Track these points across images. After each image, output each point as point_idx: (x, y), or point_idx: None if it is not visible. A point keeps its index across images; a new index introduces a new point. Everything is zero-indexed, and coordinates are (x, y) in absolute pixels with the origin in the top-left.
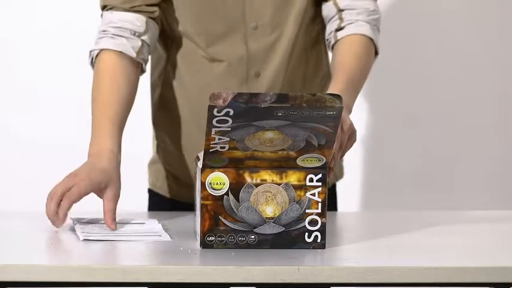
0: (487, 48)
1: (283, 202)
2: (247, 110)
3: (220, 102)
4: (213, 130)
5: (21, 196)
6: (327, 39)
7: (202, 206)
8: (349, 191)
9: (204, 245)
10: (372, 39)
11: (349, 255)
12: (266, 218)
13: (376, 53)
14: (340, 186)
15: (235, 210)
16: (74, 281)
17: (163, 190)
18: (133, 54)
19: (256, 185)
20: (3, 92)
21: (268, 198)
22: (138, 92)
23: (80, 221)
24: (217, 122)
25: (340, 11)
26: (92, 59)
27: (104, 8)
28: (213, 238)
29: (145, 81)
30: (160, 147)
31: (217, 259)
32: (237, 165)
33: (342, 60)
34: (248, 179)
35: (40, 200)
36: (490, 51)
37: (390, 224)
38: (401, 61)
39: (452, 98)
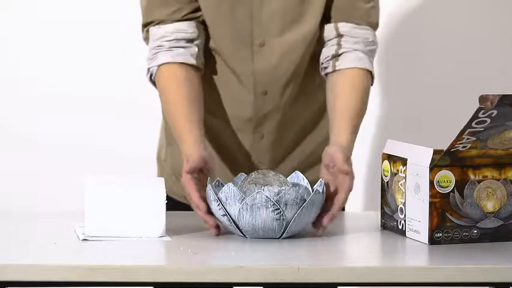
0: (487, 50)
1: (502, 197)
2: (510, 111)
3: (488, 104)
4: (468, 130)
5: (21, 196)
6: (322, 63)
7: (430, 203)
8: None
9: (432, 241)
10: (370, 72)
11: (350, 255)
12: (487, 212)
13: (372, 83)
14: None
15: (460, 206)
16: (74, 281)
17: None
18: (194, 62)
19: (479, 182)
20: (3, 92)
21: (489, 194)
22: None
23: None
24: (476, 123)
25: (339, 36)
26: (151, 75)
27: (149, 23)
28: (440, 234)
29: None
30: (169, 146)
31: (218, 259)
32: (461, 164)
33: (346, 102)
34: (472, 176)
35: (40, 200)
36: (490, 54)
37: None
38: (402, 63)
39: (454, 102)
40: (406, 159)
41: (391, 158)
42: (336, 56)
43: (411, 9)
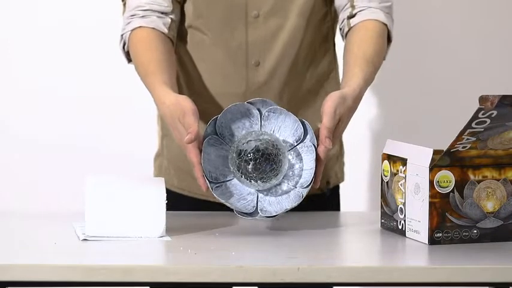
0: (487, 50)
1: (502, 197)
2: (510, 111)
3: (488, 104)
4: (468, 131)
5: (21, 196)
6: (340, 28)
7: (430, 203)
8: (353, 192)
9: (432, 241)
10: (385, 25)
11: (350, 255)
12: (487, 212)
13: (390, 40)
14: (344, 188)
15: (460, 206)
16: (74, 280)
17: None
18: (165, 30)
19: (478, 182)
20: (3, 92)
21: (489, 194)
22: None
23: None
24: (476, 123)
25: None
26: (125, 42)
27: None
28: (440, 234)
29: None
30: (165, 137)
31: (218, 259)
32: (461, 164)
33: (359, 44)
34: (471, 176)
35: (40, 200)
36: (490, 54)
37: None
38: (402, 63)
39: (454, 102)
40: (406, 159)
41: (391, 158)
42: (350, 17)
43: (411, 10)
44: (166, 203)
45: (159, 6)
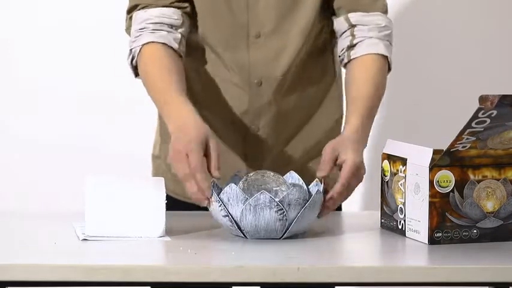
0: (487, 50)
1: (502, 197)
2: (510, 111)
3: (488, 104)
4: (468, 131)
5: (21, 196)
6: (340, 57)
7: (430, 203)
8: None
9: (432, 241)
10: (386, 57)
11: (350, 255)
12: (487, 212)
13: (389, 69)
14: None
15: (460, 206)
16: (74, 280)
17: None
18: (176, 46)
19: (478, 181)
20: (3, 92)
21: (489, 194)
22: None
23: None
24: (476, 123)
25: (352, 26)
26: (133, 57)
27: (134, 8)
28: (440, 234)
29: None
30: (164, 144)
31: (218, 259)
32: (461, 163)
33: (359, 88)
34: (471, 176)
35: (40, 200)
36: (490, 54)
37: None
38: (402, 63)
39: (454, 102)
40: (406, 159)
41: (391, 158)
42: (350, 47)
43: (411, 11)
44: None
45: (169, 19)
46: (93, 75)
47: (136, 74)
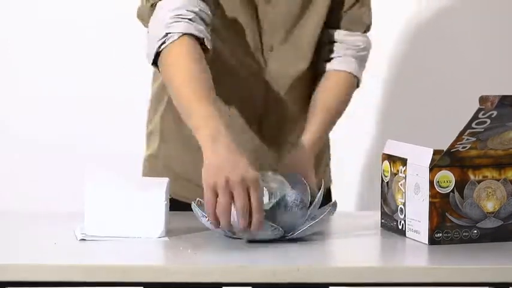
0: (487, 51)
1: (502, 197)
2: (510, 112)
3: (488, 105)
4: (468, 131)
5: (21, 196)
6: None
7: (430, 203)
8: (353, 192)
9: (432, 241)
10: (356, 77)
11: (349, 255)
12: (487, 212)
13: (357, 86)
14: (344, 188)
15: (460, 206)
16: (74, 281)
17: None
18: (209, 46)
19: (478, 182)
20: (3, 92)
21: (489, 194)
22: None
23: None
24: (476, 124)
25: (332, 42)
26: (164, 42)
27: None
28: (440, 234)
29: (146, 78)
30: (163, 143)
31: (218, 259)
32: (461, 164)
33: (326, 100)
34: (471, 176)
35: (40, 200)
36: (490, 54)
37: None
38: (402, 63)
39: (454, 102)
40: (406, 160)
41: (391, 158)
42: (326, 61)
43: (412, 12)
44: None
45: (206, 14)
46: (93, 75)
47: (155, 62)
